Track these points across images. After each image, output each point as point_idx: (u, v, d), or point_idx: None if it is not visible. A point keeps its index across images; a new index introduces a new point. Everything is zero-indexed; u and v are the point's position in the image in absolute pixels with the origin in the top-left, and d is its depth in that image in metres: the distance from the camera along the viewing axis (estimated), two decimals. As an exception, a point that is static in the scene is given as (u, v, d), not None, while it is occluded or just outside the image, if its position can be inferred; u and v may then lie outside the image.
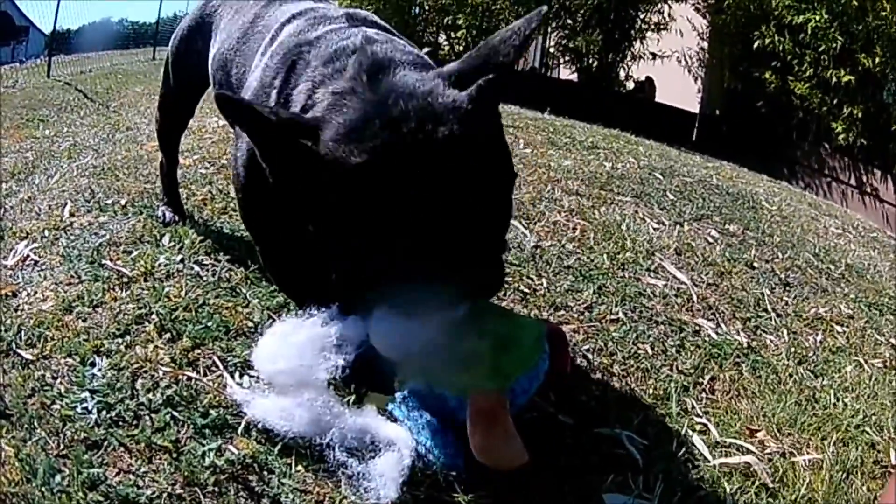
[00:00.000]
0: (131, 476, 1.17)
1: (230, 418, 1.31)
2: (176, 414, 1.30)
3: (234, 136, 1.56)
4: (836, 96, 7.10)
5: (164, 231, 2.06)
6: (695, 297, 2.30)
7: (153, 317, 1.58)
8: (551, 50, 10.03)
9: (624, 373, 1.74)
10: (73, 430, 1.24)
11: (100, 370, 1.40)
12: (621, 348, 1.84)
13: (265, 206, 1.51)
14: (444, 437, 1.28)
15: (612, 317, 1.99)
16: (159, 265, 1.83)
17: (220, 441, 1.25)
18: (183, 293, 1.69)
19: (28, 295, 1.70)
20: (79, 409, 1.28)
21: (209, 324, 1.57)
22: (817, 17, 7.08)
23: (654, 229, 2.97)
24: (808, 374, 2.03)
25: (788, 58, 7.43)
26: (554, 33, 9.73)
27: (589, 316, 1.97)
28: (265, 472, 1.21)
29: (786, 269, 2.94)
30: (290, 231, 1.48)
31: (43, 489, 1.11)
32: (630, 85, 9.87)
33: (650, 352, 1.87)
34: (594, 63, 9.45)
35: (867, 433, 1.78)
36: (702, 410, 1.69)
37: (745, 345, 2.09)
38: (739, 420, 1.69)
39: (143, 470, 1.18)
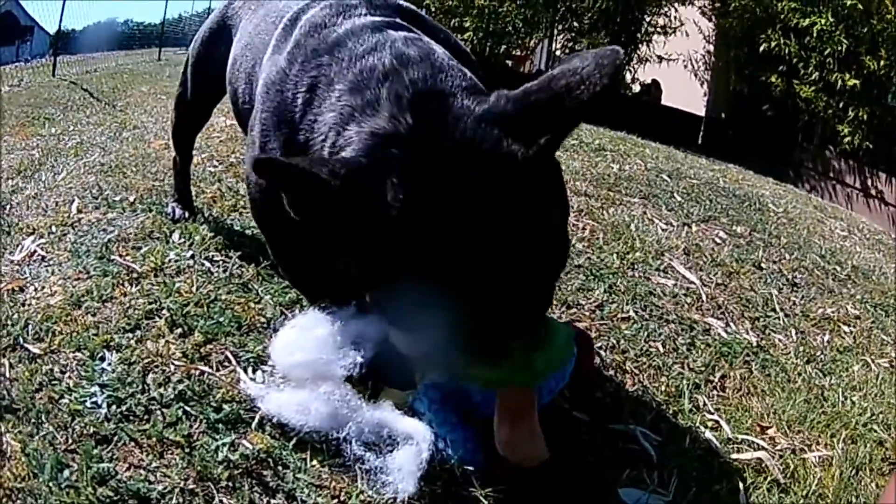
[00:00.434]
0: (142, 471, 1.15)
1: (244, 413, 1.30)
2: (188, 409, 1.28)
3: (248, 143, 1.49)
4: (842, 99, 7.11)
5: (174, 227, 2.05)
6: (704, 297, 2.30)
7: (164, 312, 1.57)
8: (558, 52, 10.02)
9: (636, 370, 1.74)
10: (83, 424, 1.22)
11: (109, 365, 1.38)
12: (633, 346, 1.84)
13: (283, 218, 1.47)
14: (465, 432, 1.27)
15: (623, 315, 1.99)
16: (169, 261, 1.82)
17: (233, 436, 1.24)
18: (194, 289, 1.68)
19: (35, 290, 1.68)
20: (88, 404, 1.26)
21: (221, 319, 1.56)
22: (823, 21, 7.08)
23: (663, 230, 2.96)
24: (816, 372, 2.04)
25: (794, 61, 7.45)
26: (560, 36, 9.73)
27: (600, 314, 1.97)
28: (280, 467, 1.20)
29: (793, 269, 2.94)
30: (304, 236, 1.46)
31: (50, 484, 1.09)
32: (636, 88, 9.87)
33: (661, 350, 1.87)
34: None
35: (875, 431, 1.79)
36: (713, 407, 1.69)
37: (755, 344, 2.09)
38: (750, 417, 1.69)
39: (154, 465, 1.16)
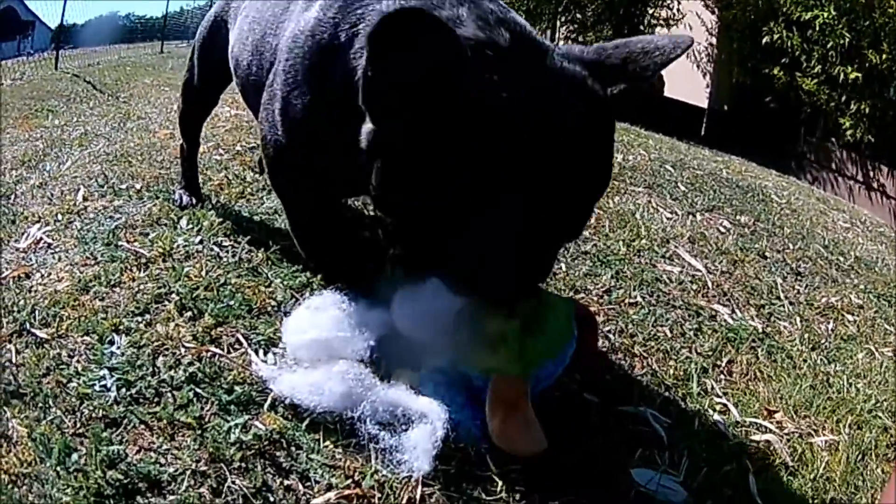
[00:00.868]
0: (153, 454, 1.14)
1: (255, 395, 1.29)
2: (199, 391, 1.27)
3: (269, 96, 1.43)
4: (844, 92, 7.08)
5: (182, 214, 2.05)
6: (710, 284, 2.31)
7: (173, 296, 1.56)
8: (561, 45, 9.99)
9: (645, 354, 1.75)
10: (91, 408, 1.20)
11: (119, 348, 1.37)
12: (641, 330, 1.84)
13: (306, 171, 1.44)
14: (473, 411, 1.27)
15: (631, 300, 2.00)
16: (178, 246, 1.82)
17: (245, 417, 1.23)
18: (203, 273, 1.68)
19: (42, 276, 1.67)
20: (97, 387, 1.25)
21: (231, 302, 1.55)
22: (825, 14, 7.06)
23: (668, 219, 2.97)
24: (821, 359, 2.04)
25: (796, 54, 7.42)
26: (563, 28, 9.71)
27: (608, 299, 1.97)
28: (293, 448, 1.19)
29: (797, 259, 2.95)
30: (325, 200, 1.44)
31: (58, 468, 1.07)
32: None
33: (669, 334, 1.88)
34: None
35: (880, 417, 1.79)
36: (721, 391, 1.69)
37: (760, 330, 2.10)
38: (757, 401, 1.70)
39: (165, 447, 1.15)
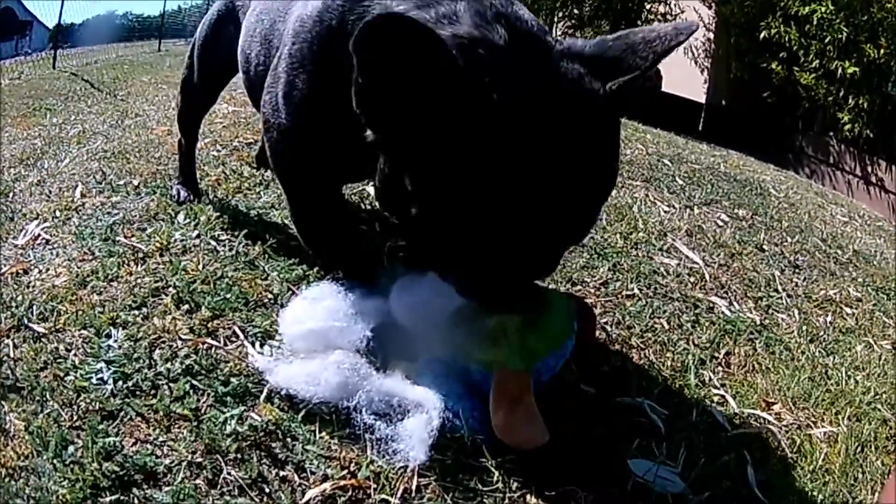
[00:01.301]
0: (149, 445, 1.14)
1: (252, 386, 1.29)
2: (196, 383, 1.27)
3: (273, 79, 1.42)
4: (842, 87, 7.09)
5: (179, 209, 2.05)
6: (707, 277, 2.30)
7: (170, 289, 1.56)
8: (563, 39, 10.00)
9: (642, 345, 1.74)
10: (88, 400, 1.20)
11: (116, 341, 1.37)
12: (638, 322, 1.84)
13: (309, 155, 1.42)
14: (471, 402, 1.26)
15: (628, 292, 1.99)
16: (175, 241, 1.82)
17: (241, 409, 1.22)
18: (200, 267, 1.67)
19: (40, 272, 1.68)
20: (94, 380, 1.25)
21: (228, 295, 1.55)
22: (823, 9, 7.07)
23: (665, 212, 2.97)
24: (819, 351, 2.04)
25: (794, 48, 7.43)
26: (561, 23, 9.72)
27: (605, 291, 1.97)
28: (289, 439, 1.19)
29: (795, 252, 2.95)
30: (327, 190, 1.44)
31: (55, 461, 1.07)
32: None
33: (666, 326, 1.87)
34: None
35: (879, 410, 1.79)
36: (719, 383, 1.69)
37: (758, 322, 2.09)
38: (755, 393, 1.69)
39: (161, 439, 1.15)
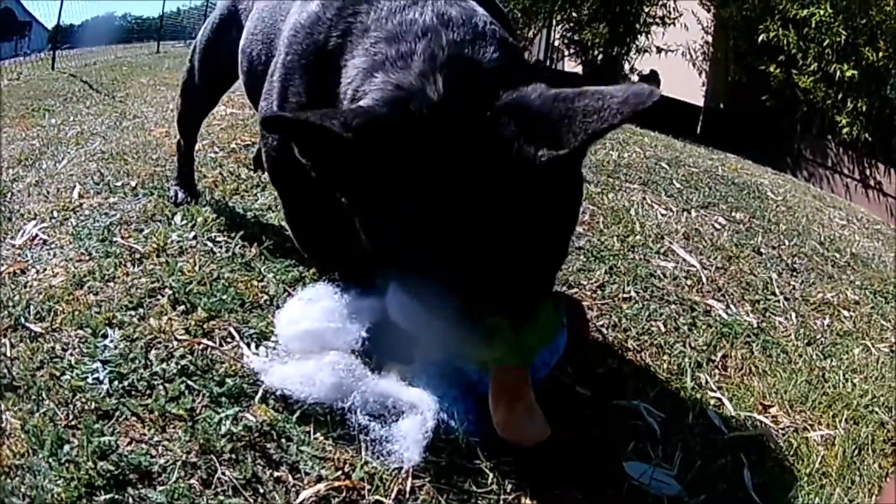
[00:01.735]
0: (144, 445, 1.14)
1: (247, 387, 1.29)
2: (191, 383, 1.28)
3: (269, 87, 1.45)
4: (840, 90, 7.09)
5: (176, 210, 2.05)
6: (704, 280, 2.31)
7: (166, 290, 1.57)
8: (556, 43, 10.01)
9: (638, 348, 1.75)
10: (84, 400, 1.21)
11: (112, 341, 1.37)
12: (635, 325, 1.84)
13: (298, 175, 1.43)
14: (467, 404, 1.27)
15: (625, 295, 2.00)
16: (172, 242, 1.82)
17: (236, 409, 1.23)
18: (196, 268, 1.68)
19: (37, 272, 1.68)
20: (89, 380, 1.26)
21: (224, 296, 1.56)
22: (821, 12, 7.06)
23: (662, 215, 2.97)
24: (817, 354, 2.04)
25: (793, 51, 7.42)
26: (559, 26, 9.72)
27: (602, 294, 1.97)
28: (283, 440, 1.20)
29: (792, 255, 2.95)
30: (322, 197, 1.45)
31: (50, 460, 1.08)
32: (635, 78, 9.81)
33: (663, 329, 1.88)
34: (599, 56, 9.44)
35: (876, 413, 1.79)
36: (715, 385, 1.69)
37: (755, 325, 2.09)
38: (752, 396, 1.69)
39: (156, 439, 1.16)
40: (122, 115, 4.39)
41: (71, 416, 1.18)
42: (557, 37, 10.01)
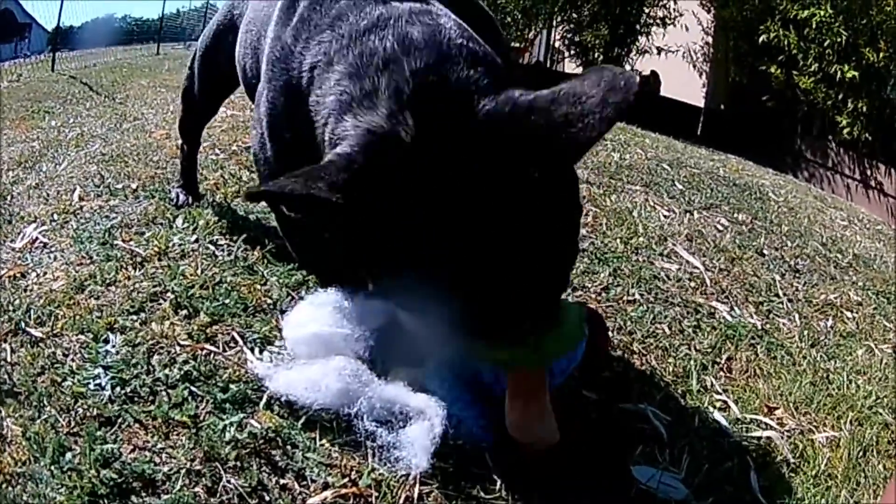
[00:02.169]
0: (147, 452, 1.13)
1: (251, 393, 1.28)
2: (194, 389, 1.26)
3: (254, 120, 1.47)
4: (841, 91, 7.09)
5: (178, 213, 2.04)
6: (708, 282, 2.30)
7: (169, 294, 1.55)
8: (557, 44, 10.02)
9: (644, 351, 1.74)
10: (86, 406, 1.19)
11: (113, 347, 1.35)
12: (639, 328, 1.83)
13: None
14: (478, 410, 1.26)
15: (629, 298, 1.99)
16: (173, 245, 1.81)
17: (241, 415, 1.21)
18: (199, 272, 1.67)
19: (37, 275, 1.67)
20: (91, 386, 1.24)
21: (227, 301, 1.54)
22: (822, 12, 7.06)
23: (665, 216, 2.97)
24: (821, 356, 2.04)
25: (793, 52, 7.42)
26: (559, 27, 9.73)
27: (606, 296, 1.96)
28: (289, 446, 1.18)
29: (795, 256, 2.95)
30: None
31: (52, 468, 1.06)
32: (634, 79, 9.82)
33: (668, 332, 1.87)
34: (600, 57, 9.43)
35: (881, 414, 1.78)
36: (721, 388, 1.69)
37: (759, 327, 2.09)
38: (757, 398, 1.69)
39: (160, 446, 1.14)
40: (122, 117, 4.38)
41: (73, 423, 1.17)
42: (558, 38, 10.02)
